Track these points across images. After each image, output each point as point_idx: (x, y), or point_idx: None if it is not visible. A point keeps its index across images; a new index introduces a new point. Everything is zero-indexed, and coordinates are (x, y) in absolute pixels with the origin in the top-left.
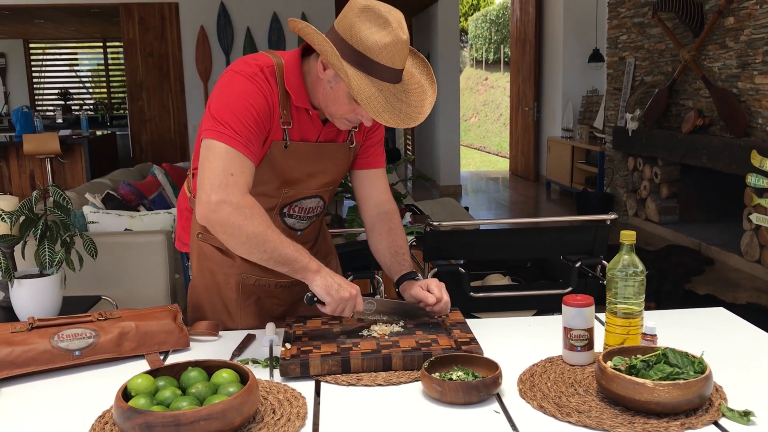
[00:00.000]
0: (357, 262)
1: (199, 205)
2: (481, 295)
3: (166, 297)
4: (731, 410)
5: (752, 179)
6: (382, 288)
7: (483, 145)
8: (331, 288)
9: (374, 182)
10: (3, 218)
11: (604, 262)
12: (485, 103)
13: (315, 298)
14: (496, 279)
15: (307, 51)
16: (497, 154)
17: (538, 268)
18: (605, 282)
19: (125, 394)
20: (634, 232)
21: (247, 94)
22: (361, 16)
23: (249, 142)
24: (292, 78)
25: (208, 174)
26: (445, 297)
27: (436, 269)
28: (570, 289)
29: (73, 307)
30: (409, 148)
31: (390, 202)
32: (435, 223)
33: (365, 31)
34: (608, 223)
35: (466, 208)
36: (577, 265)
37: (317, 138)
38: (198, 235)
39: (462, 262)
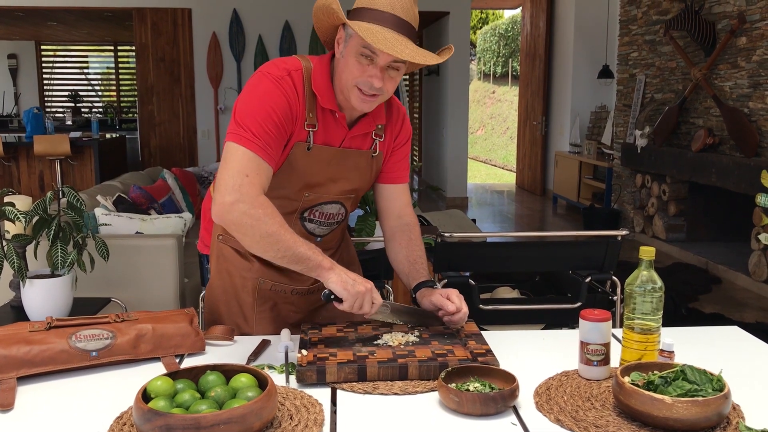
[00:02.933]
0: (366, 271)
1: (214, 206)
2: (490, 307)
3: (176, 301)
4: (749, 429)
5: (762, 199)
6: (391, 297)
7: (489, 158)
8: (347, 283)
9: (398, 197)
10: (18, 218)
11: (614, 278)
12: (492, 116)
13: (332, 296)
14: (505, 292)
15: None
16: (503, 167)
17: (547, 282)
18: (614, 298)
19: (144, 395)
20: (653, 249)
21: (269, 97)
22: None
23: (267, 145)
24: (319, 79)
25: (224, 175)
26: (464, 308)
27: (446, 281)
28: (579, 303)
29: (83, 308)
30: (416, 157)
31: (411, 216)
32: (447, 235)
33: None
34: (619, 239)
35: (473, 221)
36: (587, 280)
37: (341, 142)
38: (219, 236)
39: (468, 274)
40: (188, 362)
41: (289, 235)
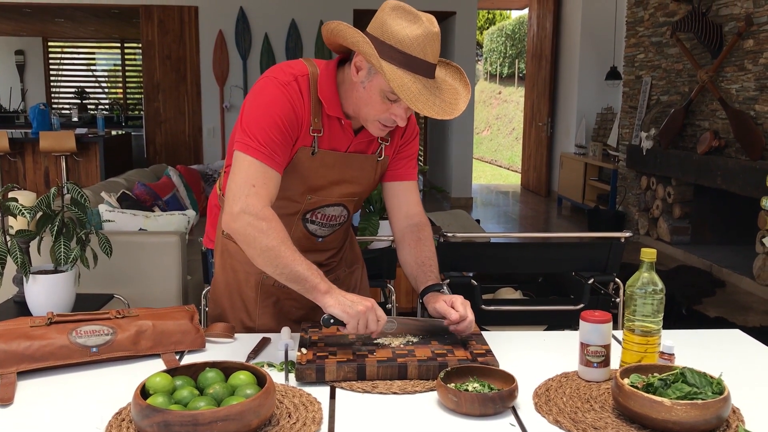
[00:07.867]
0: (369, 270)
1: (223, 215)
2: (492, 308)
3: (178, 298)
4: None
5: (767, 202)
6: (393, 297)
7: (494, 159)
8: (345, 305)
9: (405, 195)
10: (22, 213)
11: (616, 279)
12: (498, 117)
13: (332, 320)
14: (508, 293)
15: (342, 62)
16: (508, 168)
17: (550, 283)
18: (617, 300)
19: (143, 392)
20: (654, 250)
21: (275, 103)
22: (392, 14)
23: (274, 152)
24: (325, 86)
25: (232, 185)
26: (470, 316)
27: (448, 281)
28: (582, 305)
29: (86, 304)
30: (421, 159)
31: (420, 215)
32: (449, 234)
33: (396, 26)
34: (622, 240)
35: (477, 221)
36: (590, 281)
37: (347, 148)
38: (223, 232)
39: (472, 274)
40: (188, 359)
41: (290, 252)
